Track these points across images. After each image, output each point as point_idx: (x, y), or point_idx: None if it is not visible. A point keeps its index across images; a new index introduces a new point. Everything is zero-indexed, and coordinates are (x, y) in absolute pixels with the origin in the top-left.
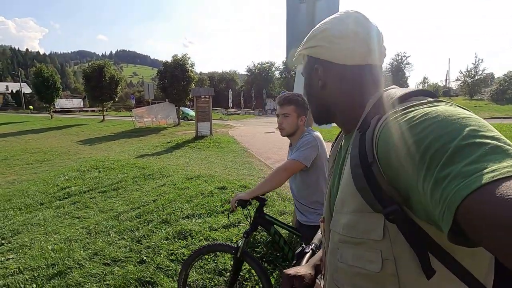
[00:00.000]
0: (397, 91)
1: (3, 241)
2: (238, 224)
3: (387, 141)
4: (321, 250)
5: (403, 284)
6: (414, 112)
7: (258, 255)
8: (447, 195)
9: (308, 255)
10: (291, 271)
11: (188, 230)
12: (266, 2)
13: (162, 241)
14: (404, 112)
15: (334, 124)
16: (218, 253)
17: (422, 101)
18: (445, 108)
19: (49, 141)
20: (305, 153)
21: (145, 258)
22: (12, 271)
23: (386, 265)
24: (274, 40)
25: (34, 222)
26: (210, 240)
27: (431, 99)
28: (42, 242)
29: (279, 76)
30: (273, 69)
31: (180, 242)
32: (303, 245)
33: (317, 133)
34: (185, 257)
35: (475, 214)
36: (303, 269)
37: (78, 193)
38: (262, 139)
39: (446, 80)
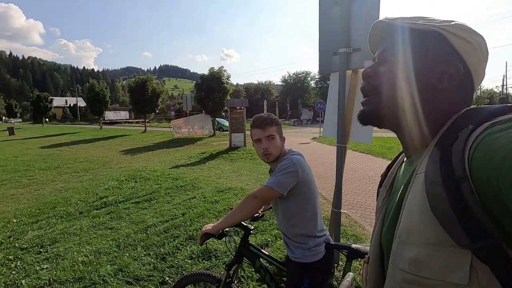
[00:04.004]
0: (489, 106)
1: (41, 250)
2: (266, 246)
3: (490, 153)
4: None
5: None
6: None
7: None
8: None
9: None
10: None
11: (213, 250)
12: (303, 12)
13: (186, 260)
14: None
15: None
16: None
17: None
18: None
19: (96, 150)
20: (280, 179)
21: (167, 278)
22: (43, 282)
23: None
24: (310, 49)
25: (71, 231)
26: None
27: None
28: (75, 253)
29: (314, 86)
30: (309, 78)
31: (203, 263)
32: None
33: (298, 156)
34: None
35: None
36: None
37: (114, 203)
38: (296, 150)
39: (502, 85)
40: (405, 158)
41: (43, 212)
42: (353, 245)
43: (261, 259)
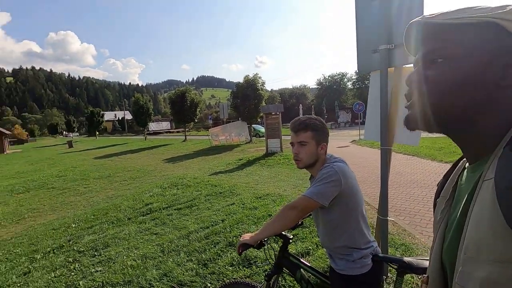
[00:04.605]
0: None
1: (95, 253)
2: (307, 254)
3: None
4: None
5: None
6: None
7: None
8: None
9: None
10: None
11: (253, 257)
12: (334, 13)
13: (227, 267)
14: None
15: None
16: None
17: None
18: None
19: (142, 160)
20: (321, 189)
21: (209, 284)
22: (97, 284)
23: None
24: (345, 50)
25: (121, 236)
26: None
27: None
28: (124, 256)
29: (351, 87)
30: (345, 80)
31: (244, 271)
32: None
33: (340, 163)
34: None
35: None
36: None
37: (158, 210)
38: (338, 156)
39: None
40: (467, 164)
41: (97, 218)
42: (405, 258)
43: (301, 270)
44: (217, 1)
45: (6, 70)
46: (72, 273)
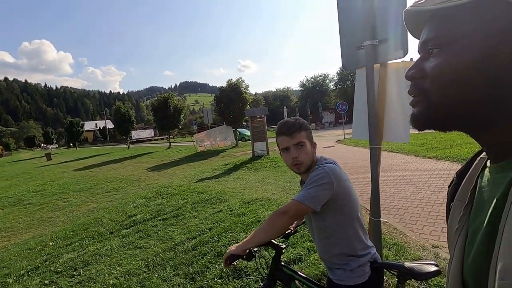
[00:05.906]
0: None
1: (74, 273)
2: (299, 261)
3: None
4: None
5: None
6: None
7: None
8: None
9: None
10: None
11: (243, 267)
12: (315, 16)
13: (215, 280)
14: None
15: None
16: None
17: None
18: None
19: (125, 169)
20: (311, 193)
21: None
22: None
23: None
24: (329, 50)
25: (102, 253)
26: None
27: None
28: (106, 275)
29: (334, 88)
30: (327, 81)
31: (234, 283)
32: None
33: (331, 164)
34: None
35: None
36: None
37: (142, 221)
38: (320, 154)
39: None
40: (489, 163)
41: (77, 234)
42: (406, 264)
43: (296, 282)
44: (200, 7)
45: None
46: None
